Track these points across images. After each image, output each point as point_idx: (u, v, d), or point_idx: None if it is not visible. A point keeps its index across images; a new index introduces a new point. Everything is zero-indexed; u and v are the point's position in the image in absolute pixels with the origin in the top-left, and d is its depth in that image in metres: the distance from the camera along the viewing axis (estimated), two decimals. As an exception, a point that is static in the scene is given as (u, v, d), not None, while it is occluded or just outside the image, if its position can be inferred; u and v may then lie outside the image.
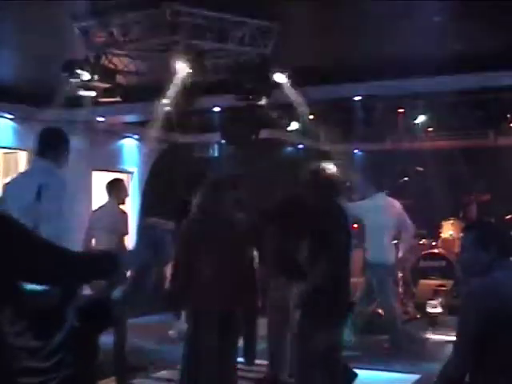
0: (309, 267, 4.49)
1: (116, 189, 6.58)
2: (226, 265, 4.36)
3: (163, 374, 6.42)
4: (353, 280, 5.03)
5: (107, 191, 6.59)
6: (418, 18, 5.69)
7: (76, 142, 9.23)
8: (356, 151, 12.48)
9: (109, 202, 6.55)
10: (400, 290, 8.54)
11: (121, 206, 6.63)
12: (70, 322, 2.85)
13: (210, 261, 4.32)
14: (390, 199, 7.41)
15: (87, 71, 5.79)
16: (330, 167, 4.57)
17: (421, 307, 8.56)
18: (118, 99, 6.26)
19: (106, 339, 4.99)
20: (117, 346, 6.22)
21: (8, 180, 5.31)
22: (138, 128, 10.36)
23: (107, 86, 5.96)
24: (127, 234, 6.51)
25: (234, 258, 4.43)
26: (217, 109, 8.72)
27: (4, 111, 7.88)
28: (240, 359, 4.69)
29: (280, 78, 6.41)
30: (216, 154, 11.27)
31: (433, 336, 7.78)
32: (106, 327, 3.76)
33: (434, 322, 8.09)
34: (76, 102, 7.09)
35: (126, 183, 7.22)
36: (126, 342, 6.29)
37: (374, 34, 6.14)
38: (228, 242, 4.41)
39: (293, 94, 7.50)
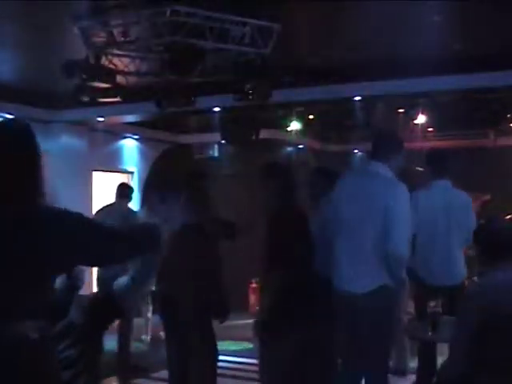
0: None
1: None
2: None
3: (163, 373, 6.41)
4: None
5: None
6: (418, 17, 5.69)
7: (76, 142, 9.36)
8: (356, 151, 12.46)
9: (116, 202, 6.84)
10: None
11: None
12: (70, 317, 2.85)
13: None
14: None
15: (87, 71, 5.79)
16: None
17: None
18: (118, 99, 6.25)
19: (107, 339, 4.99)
20: (120, 346, 6.23)
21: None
22: (137, 128, 10.37)
23: (107, 86, 5.95)
24: None
25: None
26: (217, 109, 8.71)
27: (4, 111, 7.86)
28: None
29: (280, 78, 6.40)
30: (216, 154, 11.26)
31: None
32: (112, 322, 3.76)
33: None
34: (76, 102, 7.09)
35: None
36: (130, 342, 6.30)
37: (374, 33, 6.14)
38: None
39: (293, 95, 7.50)
